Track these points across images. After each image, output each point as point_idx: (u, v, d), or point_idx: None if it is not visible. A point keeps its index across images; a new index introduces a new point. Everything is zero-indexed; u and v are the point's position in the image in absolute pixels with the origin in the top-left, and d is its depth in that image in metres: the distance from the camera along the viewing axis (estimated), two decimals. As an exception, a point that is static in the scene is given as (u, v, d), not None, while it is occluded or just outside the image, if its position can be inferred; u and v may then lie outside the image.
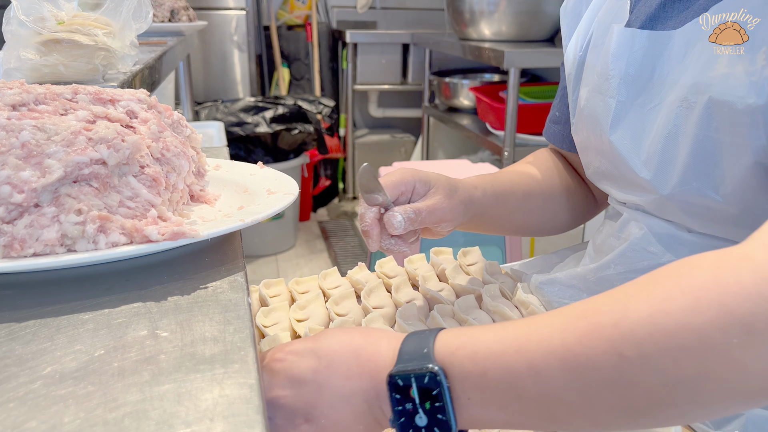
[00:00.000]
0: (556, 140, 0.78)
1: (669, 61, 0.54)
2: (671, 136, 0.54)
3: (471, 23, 2.16)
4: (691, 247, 0.57)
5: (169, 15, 1.39)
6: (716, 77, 0.49)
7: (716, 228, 0.55)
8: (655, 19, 0.57)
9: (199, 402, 0.27)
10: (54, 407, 0.27)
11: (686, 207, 0.55)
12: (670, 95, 0.54)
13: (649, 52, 0.56)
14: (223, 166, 0.59)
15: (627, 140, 0.58)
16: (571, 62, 0.69)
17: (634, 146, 0.58)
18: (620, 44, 0.58)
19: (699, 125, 0.51)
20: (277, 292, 0.71)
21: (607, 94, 0.60)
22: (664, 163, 0.55)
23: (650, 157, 0.56)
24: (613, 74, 0.59)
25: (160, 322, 0.34)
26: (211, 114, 2.37)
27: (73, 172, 0.40)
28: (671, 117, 0.54)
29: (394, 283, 0.71)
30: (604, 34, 0.63)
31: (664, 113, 0.55)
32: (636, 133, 0.58)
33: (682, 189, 0.54)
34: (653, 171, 0.56)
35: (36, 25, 0.67)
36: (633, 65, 0.58)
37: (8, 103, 0.42)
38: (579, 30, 0.68)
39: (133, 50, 0.76)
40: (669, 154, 0.54)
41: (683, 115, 0.53)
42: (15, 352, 0.31)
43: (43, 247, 0.38)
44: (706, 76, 0.50)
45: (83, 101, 0.46)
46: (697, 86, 0.51)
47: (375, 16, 3.09)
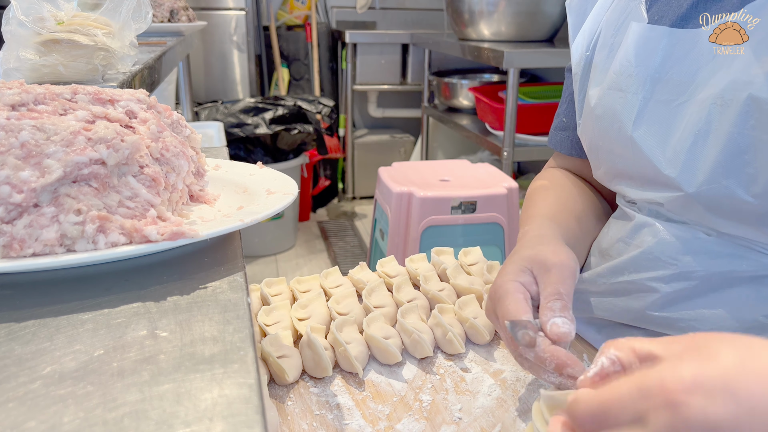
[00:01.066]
0: (564, 147, 0.76)
1: (699, 59, 0.54)
2: (701, 133, 0.53)
3: (470, 23, 2.16)
4: (708, 253, 0.56)
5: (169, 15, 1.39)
6: (758, 74, 0.49)
7: (741, 228, 0.54)
8: (687, 18, 0.57)
9: (198, 402, 0.27)
10: (53, 407, 0.27)
11: (712, 206, 0.54)
12: (700, 93, 0.54)
13: (677, 50, 0.56)
14: (222, 167, 0.59)
15: (651, 137, 0.58)
16: (577, 62, 0.68)
17: (658, 143, 0.57)
18: (645, 42, 0.58)
19: (735, 123, 0.50)
20: (278, 291, 0.71)
21: (630, 91, 0.59)
22: (692, 160, 0.54)
23: (676, 155, 0.55)
24: (637, 71, 0.59)
25: (160, 322, 0.34)
26: (211, 115, 2.37)
27: (73, 172, 0.40)
28: (703, 114, 0.53)
29: (395, 283, 0.71)
30: (615, 33, 0.62)
31: (694, 110, 0.54)
32: (661, 130, 0.57)
33: (710, 187, 0.53)
34: (679, 168, 0.55)
35: (35, 25, 0.66)
36: (660, 62, 0.57)
37: (7, 103, 0.42)
38: (585, 29, 0.68)
39: (133, 50, 0.75)
40: (698, 152, 0.54)
41: (717, 113, 0.52)
42: (14, 352, 0.31)
43: (42, 247, 0.38)
44: (746, 74, 0.50)
45: (82, 101, 0.46)
46: (735, 83, 0.50)
47: (374, 16, 3.09)
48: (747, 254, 0.54)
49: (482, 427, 0.52)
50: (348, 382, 0.57)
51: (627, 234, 0.62)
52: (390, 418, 0.52)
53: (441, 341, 0.62)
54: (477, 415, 0.53)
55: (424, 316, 0.66)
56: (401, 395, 0.56)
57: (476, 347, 0.63)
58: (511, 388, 0.57)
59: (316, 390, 0.56)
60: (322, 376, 0.57)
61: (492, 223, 1.57)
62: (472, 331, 0.63)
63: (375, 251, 1.80)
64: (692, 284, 0.56)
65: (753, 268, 0.54)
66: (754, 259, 0.54)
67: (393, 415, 0.53)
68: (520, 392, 0.56)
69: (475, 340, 0.64)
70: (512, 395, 0.56)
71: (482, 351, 0.63)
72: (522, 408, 0.54)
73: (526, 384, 0.57)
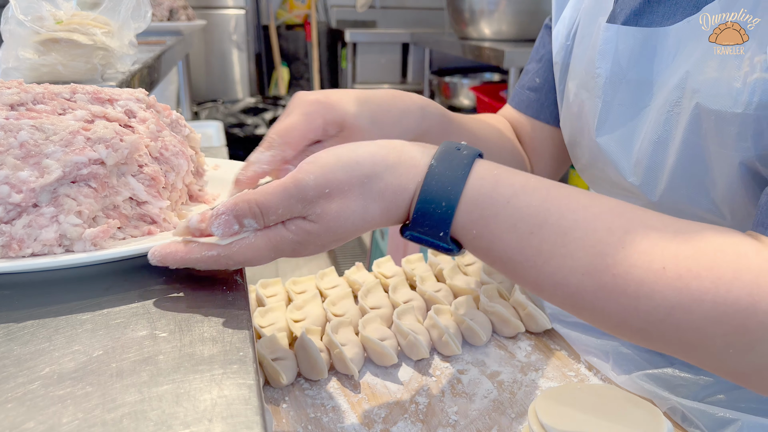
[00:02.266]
0: (530, 109, 0.72)
1: (660, 62, 0.52)
2: (660, 140, 0.52)
3: (471, 22, 2.16)
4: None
5: (168, 14, 1.39)
6: (705, 81, 0.47)
7: None
8: (640, 14, 0.54)
9: (197, 402, 0.27)
10: (52, 408, 0.27)
11: (675, 214, 0.54)
12: (659, 97, 0.52)
13: (637, 50, 0.53)
14: (221, 166, 0.59)
15: (614, 143, 0.56)
16: (557, 51, 0.66)
17: (622, 150, 0.56)
18: (606, 41, 0.55)
19: (687, 130, 0.49)
20: (273, 292, 0.71)
21: (594, 94, 0.57)
22: (653, 168, 0.53)
23: (639, 162, 0.54)
24: (599, 73, 0.56)
25: (159, 322, 0.34)
26: (210, 115, 2.38)
27: (72, 172, 0.40)
28: (660, 121, 0.51)
29: (392, 284, 0.71)
30: (589, 26, 0.59)
31: (654, 116, 0.52)
32: (624, 136, 0.55)
33: (672, 195, 0.52)
34: (641, 176, 0.54)
35: (34, 24, 0.67)
36: (619, 64, 0.55)
37: (6, 103, 0.42)
38: (565, 16, 0.65)
39: (132, 50, 0.76)
40: (658, 160, 0.52)
41: (673, 120, 0.50)
42: (13, 352, 0.31)
43: (41, 247, 0.38)
44: (694, 80, 0.48)
45: (81, 101, 0.46)
46: (685, 90, 0.49)
47: (374, 15, 3.09)
48: None
49: (478, 429, 0.52)
50: (343, 384, 0.58)
51: None
52: (386, 420, 0.53)
53: (437, 343, 0.62)
54: (473, 417, 0.53)
55: (421, 317, 0.66)
56: (397, 397, 0.56)
57: (473, 349, 0.63)
58: (507, 390, 0.57)
59: (312, 392, 0.56)
60: (318, 378, 0.57)
61: (490, 224, 1.57)
62: (469, 333, 0.63)
63: (375, 251, 1.80)
64: None
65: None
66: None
67: (389, 418, 0.53)
68: (517, 394, 0.56)
69: (472, 341, 0.64)
70: (509, 397, 0.56)
71: (479, 352, 0.63)
72: (519, 410, 0.54)
73: (522, 386, 0.57)
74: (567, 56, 0.65)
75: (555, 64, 0.66)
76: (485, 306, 0.66)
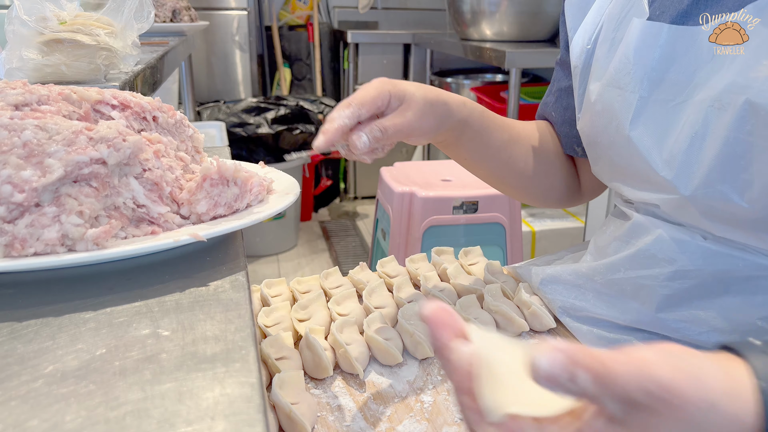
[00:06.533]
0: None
1: (698, 59, 0.53)
2: (698, 135, 0.52)
3: (472, 23, 2.16)
4: (703, 254, 0.56)
5: (171, 15, 1.40)
6: (756, 78, 0.48)
7: (735, 233, 0.53)
8: (687, 15, 0.56)
9: (200, 401, 0.27)
10: (55, 406, 0.27)
11: (707, 210, 0.54)
12: (698, 94, 0.53)
13: (677, 47, 0.55)
14: (224, 166, 0.59)
15: (648, 137, 0.57)
16: (577, 55, 0.67)
17: (655, 144, 0.56)
18: (644, 38, 0.57)
19: (731, 127, 0.49)
20: (278, 292, 0.71)
21: (628, 89, 0.58)
22: (688, 163, 0.53)
23: (673, 156, 0.55)
24: (635, 69, 0.58)
25: (162, 321, 0.34)
26: (213, 115, 2.38)
27: (73, 171, 0.40)
28: (700, 116, 0.52)
29: (396, 283, 0.71)
30: (617, 28, 0.61)
31: (692, 112, 0.53)
32: (658, 130, 0.56)
33: (705, 191, 0.52)
34: (675, 170, 0.54)
35: (38, 24, 0.67)
36: (658, 60, 0.56)
37: (11, 103, 0.42)
38: (587, 21, 0.67)
39: (135, 50, 0.76)
40: (694, 154, 0.53)
41: (714, 116, 0.51)
42: (17, 351, 0.31)
43: (43, 246, 0.38)
44: (744, 77, 0.48)
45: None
46: (732, 86, 0.49)
47: (376, 16, 3.09)
48: (742, 255, 0.54)
49: (483, 427, 0.52)
50: (349, 383, 0.58)
51: (624, 233, 0.62)
52: (391, 419, 0.52)
53: (442, 341, 0.62)
54: (478, 415, 0.53)
55: (426, 317, 0.66)
56: (402, 396, 0.56)
57: (477, 347, 0.63)
58: (512, 388, 0.57)
59: (317, 391, 0.56)
60: (323, 377, 0.57)
61: (494, 223, 1.57)
62: (474, 332, 0.63)
63: (377, 251, 1.80)
64: (687, 284, 0.56)
65: (747, 269, 0.54)
66: (749, 260, 0.54)
67: (394, 417, 0.53)
68: (521, 393, 0.56)
69: (476, 340, 0.63)
70: (513, 396, 0.56)
71: (483, 351, 0.63)
72: (523, 408, 0.54)
73: (527, 384, 0.57)
74: (588, 59, 0.66)
75: (575, 68, 0.68)
76: (489, 305, 0.66)
